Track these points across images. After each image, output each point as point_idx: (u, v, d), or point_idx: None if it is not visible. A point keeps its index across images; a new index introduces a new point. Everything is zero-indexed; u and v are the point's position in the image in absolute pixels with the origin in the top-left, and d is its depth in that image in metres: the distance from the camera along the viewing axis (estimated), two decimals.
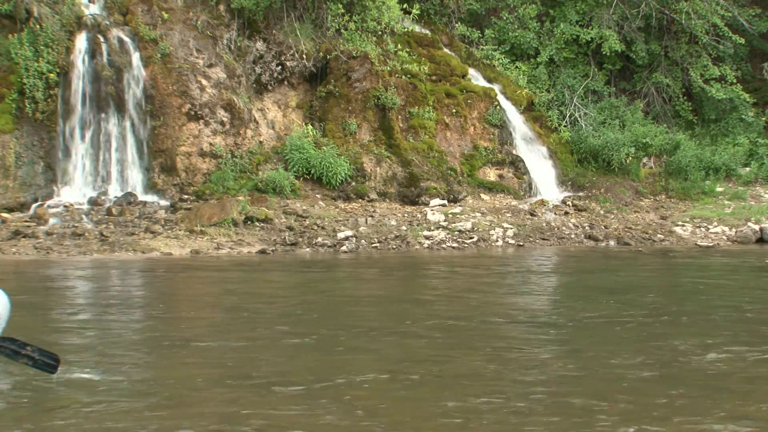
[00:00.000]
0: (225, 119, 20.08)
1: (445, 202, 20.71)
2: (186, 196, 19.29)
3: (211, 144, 19.86)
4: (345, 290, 12.36)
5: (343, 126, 21.18)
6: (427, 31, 23.91)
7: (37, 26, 18.98)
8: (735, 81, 25.38)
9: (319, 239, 17.51)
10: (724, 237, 19.65)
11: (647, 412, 6.00)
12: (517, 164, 22.63)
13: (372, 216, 19.33)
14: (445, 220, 19.29)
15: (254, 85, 21.25)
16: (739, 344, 8.44)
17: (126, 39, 19.87)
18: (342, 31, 21.71)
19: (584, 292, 12.21)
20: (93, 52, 19.43)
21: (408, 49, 22.52)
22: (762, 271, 14.92)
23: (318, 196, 20.05)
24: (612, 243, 18.91)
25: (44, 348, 6.73)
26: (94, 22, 19.75)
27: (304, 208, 19.25)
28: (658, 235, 19.47)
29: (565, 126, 23.70)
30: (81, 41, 19.43)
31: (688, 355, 7.90)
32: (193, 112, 19.76)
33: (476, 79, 23.48)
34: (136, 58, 19.74)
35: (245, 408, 6.07)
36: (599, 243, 18.91)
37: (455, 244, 17.93)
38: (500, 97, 23.19)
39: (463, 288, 12.60)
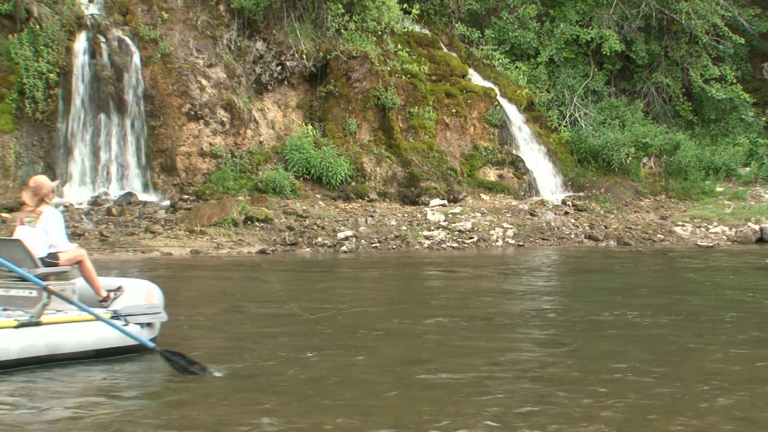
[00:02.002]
0: (225, 119, 20.08)
1: (445, 202, 20.71)
2: (186, 196, 19.29)
3: (211, 144, 19.86)
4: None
5: (343, 126, 21.18)
6: (427, 31, 23.91)
7: (37, 26, 18.97)
8: (735, 81, 25.38)
9: (319, 239, 17.51)
10: (724, 237, 19.66)
11: (648, 412, 6.01)
12: (517, 164, 22.63)
13: (372, 216, 19.33)
14: (445, 220, 19.29)
15: (254, 85, 21.25)
16: (740, 344, 8.44)
17: (126, 39, 19.87)
18: (342, 31, 21.71)
19: (584, 293, 12.21)
20: (93, 52, 19.43)
21: (408, 49, 22.52)
22: (762, 271, 14.92)
23: (318, 196, 20.04)
24: (612, 243, 18.92)
25: (211, 368, 6.97)
26: (94, 22, 19.75)
27: (304, 208, 19.25)
28: (658, 235, 19.47)
29: (565, 126, 23.71)
30: (81, 41, 19.43)
31: (688, 355, 7.91)
32: (193, 112, 19.76)
33: (476, 79, 23.48)
34: (136, 58, 19.74)
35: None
36: (599, 243, 18.91)
37: (455, 244, 17.93)
38: (500, 97, 23.19)
39: (465, 288, 12.60)
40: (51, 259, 7.76)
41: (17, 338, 6.89)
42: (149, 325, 7.66)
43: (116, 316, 7.44)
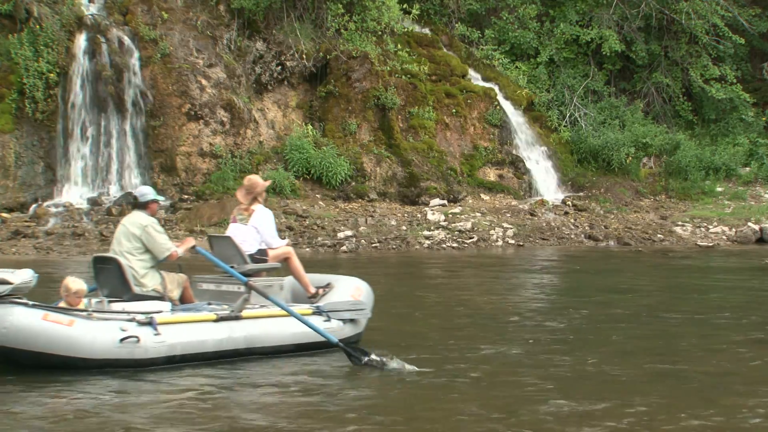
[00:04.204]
0: (225, 119, 20.07)
1: (445, 202, 20.71)
2: (186, 196, 19.29)
3: (211, 144, 19.86)
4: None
5: (343, 126, 21.17)
6: (427, 31, 23.90)
7: (37, 26, 18.96)
8: (735, 81, 25.35)
9: (319, 239, 17.51)
10: (724, 237, 19.66)
11: (647, 412, 6.01)
12: (517, 164, 22.63)
13: (372, 216, 19.33)
14: (445, 220, 19.29)
15: (254, 85, 21.24)
16: (739, 344, 8.45)
17: (126, 39, 19.85)
18: (342, 31, 21.70)
19: (584, 293, 12.22)
20: (93, 52, 19.41)
21: (408, 49, 22.51)
22: (762, 271, 14.91)
23: (318, 196, 20.04)
24: (612, 243, 18.92)
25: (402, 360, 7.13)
26: (94, 22, 19.73)
27: (304, 208, 19.25)
28: (658, 235, 19.47)
29: (565, 126, 23.70)
30: (81, 41, 19.41)
31: (688, 355, 7.91)
32: (193, 112, 19.75)
33: (476, 79, 23.48)
34: (136, 58, 19.72)
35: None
36: (599, 243, 18.92)
37: (455, 244, 17.94)
38: (500, 97, 23.18)
39: (466, 288, 12.61)
40: (260, 256, 7.95)
41: (216, 331, 7.12)
42: (353, 321, 7.76)
43: (318, 311, 7.58)
